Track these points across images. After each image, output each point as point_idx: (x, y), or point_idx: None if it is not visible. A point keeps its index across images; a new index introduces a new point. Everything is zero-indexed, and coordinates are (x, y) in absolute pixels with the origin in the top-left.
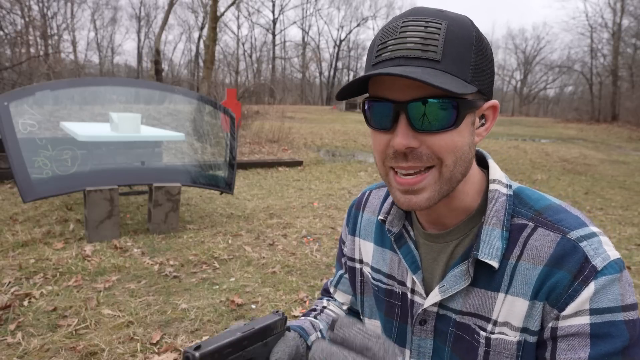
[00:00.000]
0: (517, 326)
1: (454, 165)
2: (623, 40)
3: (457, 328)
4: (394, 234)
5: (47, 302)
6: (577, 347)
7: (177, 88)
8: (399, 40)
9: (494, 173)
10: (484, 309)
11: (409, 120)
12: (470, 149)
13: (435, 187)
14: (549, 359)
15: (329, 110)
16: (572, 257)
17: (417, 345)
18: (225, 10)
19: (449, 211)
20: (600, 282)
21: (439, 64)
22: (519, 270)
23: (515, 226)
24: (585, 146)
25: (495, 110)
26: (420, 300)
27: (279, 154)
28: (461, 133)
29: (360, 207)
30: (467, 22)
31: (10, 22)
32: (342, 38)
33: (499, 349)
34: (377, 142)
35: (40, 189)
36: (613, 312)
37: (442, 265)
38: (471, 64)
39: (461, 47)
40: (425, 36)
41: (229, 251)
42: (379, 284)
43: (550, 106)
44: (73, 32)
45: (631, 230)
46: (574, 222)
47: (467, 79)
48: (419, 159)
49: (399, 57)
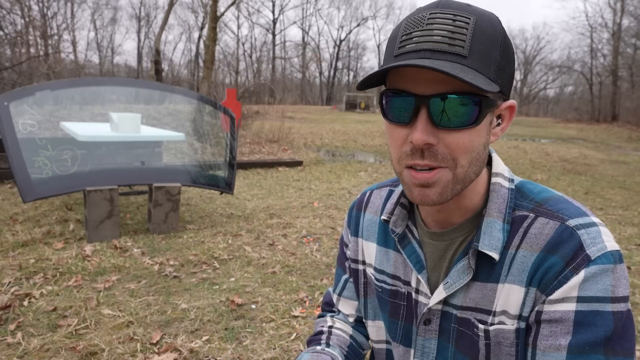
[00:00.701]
0: (514, 314)
1: (469, 165)
2: (623, 40)
3: (458, 324)
4: (397, 234)
5: (47, 302)
6: (559, 334)
7: (177, 88)
8: (425, 32)
9: (496, 167)
10: (485, 301)
11: (430, 116)
12: (485, 149)
13: (449, 185)
14: (530, 343)
15: (329, 110)
16: (568, 243)
17: (421, 345)
18: (225, 10)
19: (458, 209)
20: (591, 271)
21: (465, 59)
22: (517, 259)
23: (516, 218)
24: (585, 146)
25: (512, 110)
26: (425, 300)
27: (279, 154)
28: (479, 132)
29: (362, 208)
30: (495, 20)
31: (10, 22)
32: (342, 38)
33: (499, 339)
34: (394, 136)
35: (40, 189)
36: (601, 302)
37: (447, 263)
38: (496, 62)
39: (488, 43)
40: (453, 30)
41: (229, 251)
42: (384, 285)
43: (550, 106)
44: (73, 32)
45: (631, 230)
46: (574, 211)
47: (491, 77)
48: (434, 158)
49: (424, 49)
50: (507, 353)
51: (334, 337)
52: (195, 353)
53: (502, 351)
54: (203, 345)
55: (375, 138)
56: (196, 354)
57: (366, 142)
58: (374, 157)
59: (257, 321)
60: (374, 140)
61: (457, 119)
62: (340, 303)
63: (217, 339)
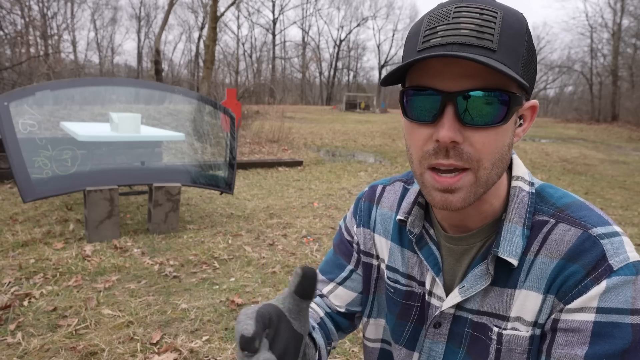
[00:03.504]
0: (530, 320)
1: (492, 167)
2: (623, 40)
3: (473, 329)
4: (415, 234)
5: (47, 302)
6: (575, 344)
7: (177, 88)
8: (452, 26)
9: (517, 170)
10: (502, 307)
11: (457, 113)
12: (509, 150)
13: (472, 189)
14: (545, 351)
15: (329, 110)
16: (590, 252)
17: (428, 348)
18: (225, 10)
19: (477, 214)
20: (613, 282)
21: (494, 53)
22: (535, 265)
23: (536, 223)
24: (585, 146)
25: (534, 110)
26: (437, 303)
27: (279, 154)
28: (506, 132)
29: (375, 201)
30: (521, 16)
31: (10, 22)
32: (342, 38)
33: (511, 345)
34: (415, 136)
35: (40, 189)
36: (621, 313)
37: (464, 267)
38: (523, 58)
39: (516, 38)
40: (481, 23)
41: (229, 251)
42: (397, 285)
43: (550, 106)
44: (73, 32)
45: (631, 230)
46: (597, 220)
47: (519, 73)
48: (460, 157)
49: (451, 43)
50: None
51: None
52: (195, 353)
53: (513, 358)
54: (203, 345)
55: (375, 138)
56: (196, 354)
57: (366, 142)
58: (374, 157)
59: None
60: (374, 140)
61: (485, 117)
62: (336, 292)
63: (217, 339)
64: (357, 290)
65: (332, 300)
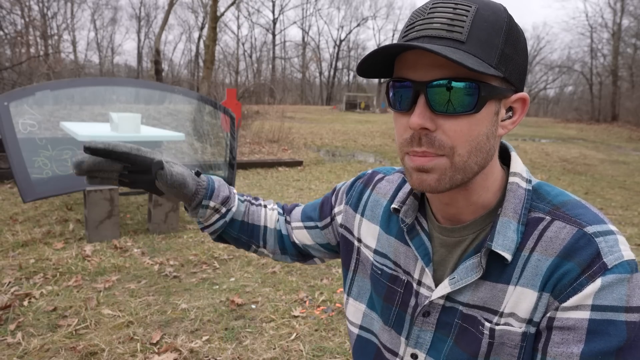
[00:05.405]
0: (524, 317)
1: (468, 155)
2: (623, 40)
3: (462, 320)
4: (407, 224)
5: (47, 302)
6: (571, 342)
7: (177, 88)
8: (426, 20)
9: (515, 166)
10: (493, 301)
11: (428, 101)
12: (489, 140)
13: (447, 173)
14: (540, 349)
15: (329, 110)
16: (585, 250)
17: (416, 335)
18: (225, 10)
19: (467, 206)
20: (607, 280)
21: (463, 44)
22: (530, 262)
23: (531, 220)
24: (585, 146)
25: (525, 103)
26: (427, 293)
27: (279, 154)
28: (480, 121)
29: (369, 185)
30: (499, 8)
31: (10, 22)
32: (342, 38)
33: (503, 340)
34: (397, 125)
35: (40, 189)
36: (615, 311)
37: (455, 259)
38: (499, 49)
39: (489, 30)
40: (453, 17)
41: (229, 251)
42: (385, 268)
43: (550, 106)
44: (73, 32)
45: (631, 230)
46: (592, 218)
47: (492, 64)
48: (431, 145)
49: (423, 36)
50: (509, 354)
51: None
52: (195, 353)
53: (504, 351)
54: (203, 345)
55: (375, 138)
56: (196, 354)
57: (366, 142)
58: (374, 157)
59: (257, 321)
60: (374, 140)
61: (455, 106)
62: (299, 230)
63: (217, 339)
64: (317, 241)
65: (293, 232)
